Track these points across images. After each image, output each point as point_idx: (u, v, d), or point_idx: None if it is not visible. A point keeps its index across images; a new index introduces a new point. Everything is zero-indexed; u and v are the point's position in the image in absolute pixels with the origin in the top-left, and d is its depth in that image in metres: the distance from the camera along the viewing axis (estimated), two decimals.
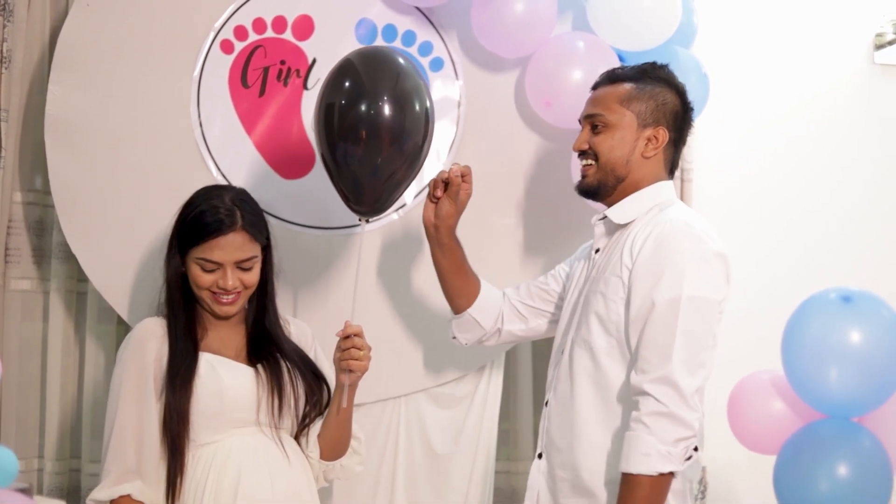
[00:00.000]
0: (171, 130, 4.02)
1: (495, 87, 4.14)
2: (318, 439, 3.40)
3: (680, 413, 2.92)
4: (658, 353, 2.98)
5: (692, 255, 3.05)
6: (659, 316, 3.01)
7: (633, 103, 3.27)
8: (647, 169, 3.28)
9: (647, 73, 3.33)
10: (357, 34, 4.10)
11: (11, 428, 4.08)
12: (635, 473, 2.92)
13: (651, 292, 3.03)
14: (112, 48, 4.02)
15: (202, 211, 3.26)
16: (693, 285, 3.01)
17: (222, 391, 3.25)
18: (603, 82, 3.36)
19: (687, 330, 2.98)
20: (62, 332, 4.15)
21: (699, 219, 3.21)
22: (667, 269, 3.04)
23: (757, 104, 4.62)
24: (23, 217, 4.15)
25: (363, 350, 3.25)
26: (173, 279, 3.32)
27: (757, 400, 3.34)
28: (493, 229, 4.08)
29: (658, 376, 2.94)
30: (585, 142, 3.32)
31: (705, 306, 3.03)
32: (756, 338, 4.20)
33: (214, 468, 3.24)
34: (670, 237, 3.08)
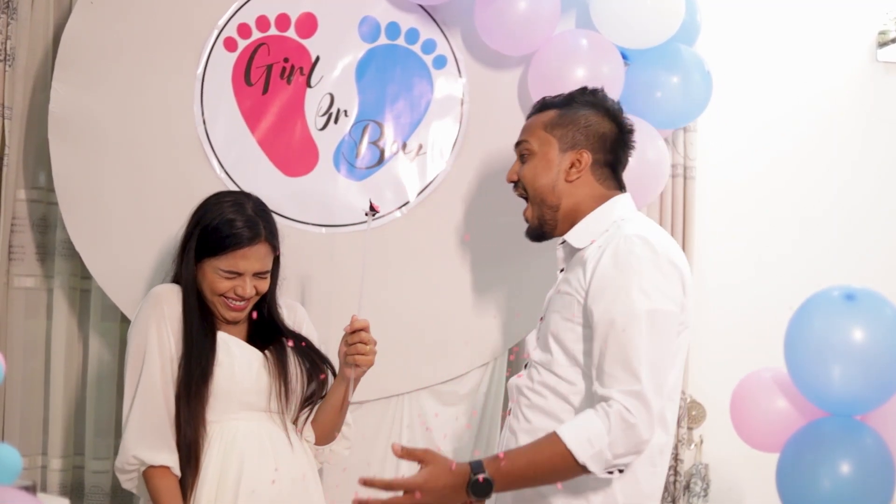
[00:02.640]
0: (175, 128, 4.02)
1: (498, 85, 4.14)
2: (312, 424, 3.44)
3: (642, 429, 2.84)
4: (625, 370, 2.88)
5: (649, 268, 2.98)
6: (618, 332, 2.93)
7: (556, 129, 3.21)
8: (580, 192, 3.19)
9: (574, 98, 3.27)
10: (360, 32, 4.10)
11: (15, 425, 4.09)
12: (568, 447, 2.82)
13: (609, 309, 2.95)
14: (115, 46, 4.03)
15: (226, 221, 3.29)
16: (651, 299, 2.93)
17: (234, 371, 3.30)
18: (534, 111, 3.32)
19: (648, 345, 2.90)
20: (66, 330, 4.15)
21: (657, 231, 3.13)
22: (624, 284, 2.95)
23: (760, 102, 4.62)
24: (26, 214, 4.15)
25: (369, 345, 3.27)
26: (190, 284, 3.34)
27: (760, 398, 3.33)
28: (494, 227, 4.08)
29: (629, 390, 2.85)
30: (515, 172, 3.27)
31: (664, 319, 2.95)
32: (759, 335, 4.20)
33: (219, 449, 3.27)
34: (626, 253, 2.99)
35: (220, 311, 3.35)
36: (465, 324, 4.04)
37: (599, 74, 3.94)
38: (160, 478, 3.22)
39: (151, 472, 3.22)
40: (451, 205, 4.08)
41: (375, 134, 4.08)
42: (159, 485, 3.21)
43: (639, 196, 3.97)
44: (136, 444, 3.22)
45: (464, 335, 4.02)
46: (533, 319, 4.05)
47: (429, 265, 4.06)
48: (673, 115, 4.11)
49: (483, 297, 4.09)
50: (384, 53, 4.12)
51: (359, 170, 4.06)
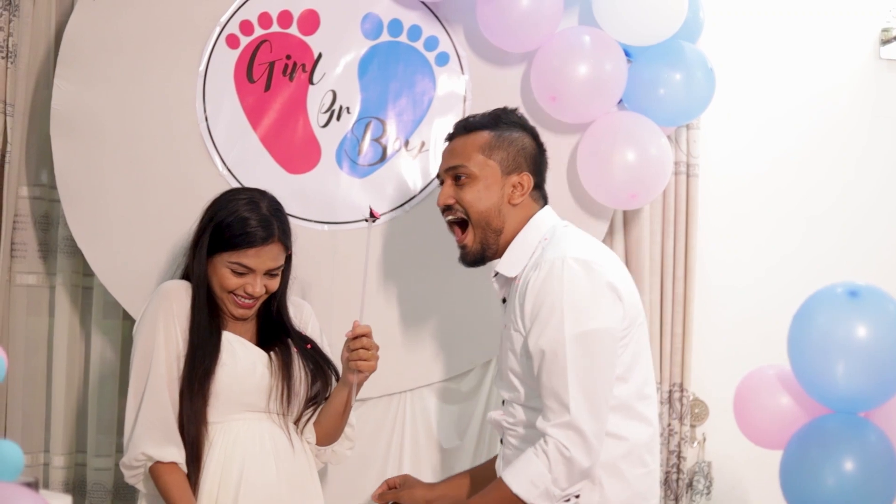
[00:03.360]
0: (177, 125, 4.02)
1: (501, 82, 4.14)
2: (314, 426, 3.44)
3: (580, 459, 2.93)
4: (556, 400, 2.96)
5: (570, 292, 3.00)
6: (549, 362, 2.98)
7: (495, 151, 3.24)
8: (519, 214, 3.25)
9: (501, 119, 3.30)
10: (363, 29, 4.10)
11: (17, 422, 4.09)
12: (514, 492, 2.96)
13: (539, 339, 3.01)
14: (117, 43, 4.02)
15: (241, 218, 3.30)
16: (575, 322, 2.98)
17: (238, 372, 3.30)
18: (459, 133, 3.31)
19: (578, 370, 2.96)
20: (68, 327, 4.15)
21: (581, 245, 3.14)
22: (549, 312, 3.00)
23: (763, 99, 4.62)
24: (29, 212, 4.15)
25: (371, 350, 3.27)
26: (201, 280, 3.34)
27: (763, 395, 3.32)
28: None
29: (561, 422, 2.94)
30: (451, 196, 3.26)
31: (593, 340, 2.99)
32: (761, 333, 4.20)
33: (221, 450, 3.27)
34: (547, 280, 3.03)
35: (229, 307, 3.35)
36: (467, 321, 4.04)
37: (602, 71, 3.95)
38: (169, 473, 3.21)
39: (160, 468, 3.22)
40: None
41: (378, 131, 4.07)
42: (169, 480, 3.21)
43: (641, 194, 3.97)
44: (145, 440, 3.22)
45: (466, 333, 4.02)
46: None
47: (431, 262, 4.06)
48: (676, 113, 4.11)
49: (485, 294, 4.07)
50: (387, 50, 4.11)
51: (361, 167, 4.05)
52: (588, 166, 4.01)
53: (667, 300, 4.26)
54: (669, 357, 4.25)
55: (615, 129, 4.00)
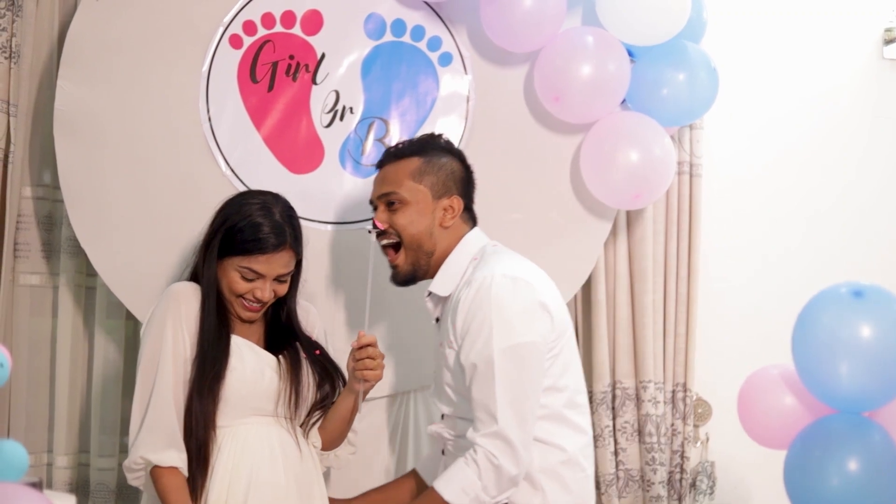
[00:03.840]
0: (180, 125, 4.02)
1: (504, 82, 4.14)
2: (319, 431, 3.44)
3: (508, 467, 3.06)
4: (485, 411, 3.09)
5: (499, 307, 3.12)
6: (479, 375, 3.10)
7: (425, 177, 3.32)
8: (451, 236, 3.34)
9: (429, 144, 3.38)
10: (366, 29, 4.10)
11: (21, 422, 4.09)
12: (446, 498, 3.09)
13: (470, 353, 3.12)
14: (121, 43, 4.02)
15: (253, 224, 3.29)
16: (504, 336, 3.09)
17: (246, 377, 3.29)
18: (389, 160, 3.38)
19: (506, 383, 3.08)
20: (71, 327, 4.15)
21: (510, 263, 3.26)
22: (480, 327, 3.12)
23: (766, 99, 4.62)
24: (32, 212, 4.16)
25: (377, 359, 3.28)
26: (211, 283, 3.34)
27: (767, 395, 3.32)
28: (501, 224, 4.06)
29: (489, 432, 3.06)
30: (385, 221, 3.33)
31: (521, 353, 3.11)
32: (766, 332, 4.20)
33: (229, 454, 3.27)
34: (477, 296, 3.14)
35: (237, 310, 3.35)
36: None
37: (605, 72, 3.95)
38: (168, 476, 3.21)
39: (159, 471, 3.21)
40: None
41: (381, 131, 4.07)
42: (167, 483, 3.20)
43: (645, 194, 3.97)
44: (145, 444, 3.21)
45: None
46: None
47: None
48: (679, 113, 4.11)
49: None
50: (390, 50, 4.11)
51: (364, 167, 4.05)
52: (591, 166, 4.01)
53: (670, 300, 4.26)
54: (673, 357, 4.25)
55: (618, 130, 4.00)
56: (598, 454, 4.17)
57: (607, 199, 4.05)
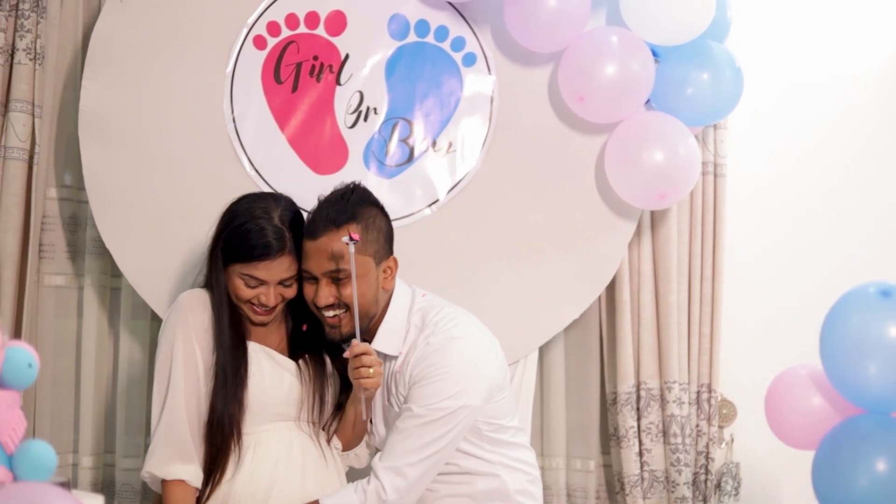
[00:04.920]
0: (205, 126, 4.03)
1: (528, 82, 4.13)
2: (337, 434, 3.45)
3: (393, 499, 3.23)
4: (400, 447, 3.24)
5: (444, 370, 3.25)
6: (413, 419, 3.24)
7: (368, 246, 3.27)
8: (387, 294, 3.38)
9: (360, 205, 3.30)
10: (390, 29, 4.10)
11: (46, 423, 4.11)
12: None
13: (410, 402, 3.26)
14: (145, 44, 4.04)
15: (250, 230, 3.26)
16: (446, 398, 3.23)
17: (265, 384, 3.29)
18: (327, 231, 3.25)
19: (432, 437, 3.23)
20: (96, 328, 4.17)
21: (458, 324, 3.38)
22: (426, 383, 3.25)
23: (791, 98, 4.59)
24: (57, 213, 4.18)
25: (373, 367, 3.24)
26: (221, 289, 3.33)
27: (795, 395, 3.31)
28: (525, 225, 4.07)
29: (392, 466, 3.22)
30: (332, 296, 3.27)
31: (455, 416, 3.24)
32: (794, 333, 4.18)
33: (250, 460, 3.27)
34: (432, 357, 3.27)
35: (248, 314, 3.34)
36: (493, 323, 4.01)
37: (629, 72, 3.94)
38: (173, 489, 3.24)
39: (165, 483, 3.24)
40: (480, 203, 4.07)
41: (405, 132, 4.07)
42: (171, 496, 3.24)
43: (670, 194, 3.96)
44: (153, 458, 3.25)
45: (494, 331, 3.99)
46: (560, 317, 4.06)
47: (457, 263, 4.05)
48: (703, 113, 4.10)
49: (511, 295, 4.07)
50: (414, 51, 4.11)
51: (388, 168, 4.05)
52: (616, 166, 4.00)
53: (695, 300, 4.24)
54: (697, 357, 4.24)
55: (643, 130, 3.99)
56: (622, 455, 4.17)
57: (632, 199, 4.03)
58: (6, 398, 2.15)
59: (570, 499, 4.28)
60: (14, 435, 2.13)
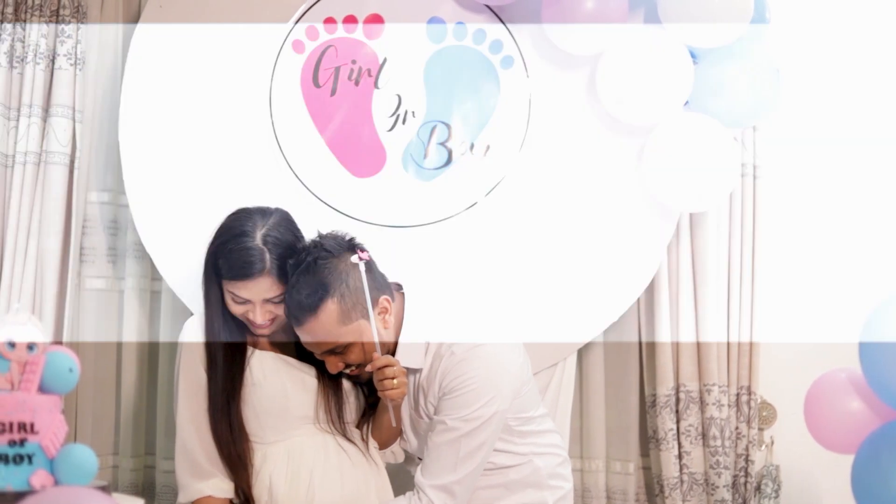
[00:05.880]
0: (244, 130, 4.05)
1: (566, 85, 4.13)
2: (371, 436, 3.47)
3: None
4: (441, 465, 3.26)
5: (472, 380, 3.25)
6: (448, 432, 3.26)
7: (351, 313, 3.22)
8: (396, 322, 3.36)
9: (327, 272, 3.21)
10: (428, 33, 4.11)
11: (87, 425, 4.13)
12: None
13: (442, 414, 3.28)
14: (184, 48, 4.06)
15: (231, 250, 3.25)
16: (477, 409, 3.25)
17: (274, 390, 3.32)
18: (307, 317, 3.20)
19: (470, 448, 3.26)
20: (137, 331, 4.19)
21: None
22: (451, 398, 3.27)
23: (829, 100, 4.56)
24: (98, 217, 4.20)
25: (398, 377, 3.25)
26: (212, 305, 3.35)
27: (834, 398, 3.29)
28: (563, 228, 4.07)
29: (439, 485, 3.25)
30: (340, 364, 3.30)
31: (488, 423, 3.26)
32: (829, 334, 4.16)
33: (286, 467, 3.31)
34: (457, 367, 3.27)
35: (250, 327, 3.35)
36: (532, 325, 4.03)
37: (668, 73, 3.92)
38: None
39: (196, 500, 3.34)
40: (518, 205, 4.07)
41: (443, 135, 4.08)
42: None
43: (707, 196, 3.95)
44: (180, 488, 3.39)
45: (531, 337, 4.00)
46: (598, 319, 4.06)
47: (496, 266, 4.05)
48: (741, 114, 4.08)
49: (550, 298, 4.07)
50: (452, 54, 4.12)
51: (427, 170, 4.06)
52: (654, 169, 3.99)
53: (733, 302, 4.23)
54: (737, 360, 4.22)
55: (681, 131, 3.98)
56: (661, 457, 4.16)
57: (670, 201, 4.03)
58: (47, 402, 2.17)
59: (610, 501, 4.27)
60: (55, 439, 2.16)
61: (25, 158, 4.06)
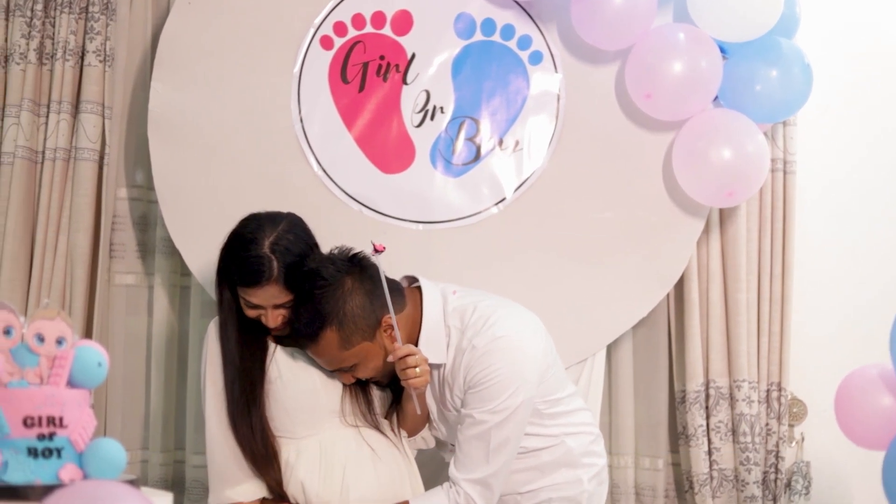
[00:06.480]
0: (272, 126, 4.05)
1: (595, 80, 4.12)
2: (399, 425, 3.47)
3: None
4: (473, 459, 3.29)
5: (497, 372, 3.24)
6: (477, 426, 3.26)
7: (352, 338, 3.21)
8: (411, 318, 3.35)
9: (325, 297, 3.19)
10: (456, 28, 4.10)
11: (117, 420, 4.15)
12: None
13: (469, 408, 3.28)
14: (213, 45, 4.07)
15: (239, 257, 3.25)
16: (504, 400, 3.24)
17: (299, 386, 3.32)
18: (310, 343, 3.25)
19: (500, 440, 3.27)
20: (166, 326, 4.21)
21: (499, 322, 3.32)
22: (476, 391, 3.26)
23: (861, 94, 4.54)
24: (127, 213, 4.22)
25: (420, 366, 3.25)
26: (225, 308, 3.35)
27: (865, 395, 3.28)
28: (592, 224, 4.06)
29: (475, 478, 3.28)
30: (352, 378, 3.33)
31: (515, 413, 3.26)
32: (863, 331, 4.14)
33: (318, 462, 3.31)
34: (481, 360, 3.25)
35: None
36: (561, 320, 4.01)
37: (697, 68, 3.92)
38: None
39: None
40: (547, 201, 4.06)
41: (472, 130, 4.07)
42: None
43: (738, 191, 3.93)
44: (210, 492, 3.39)
45: (563, 330, 3.99)
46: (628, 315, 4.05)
47: (525, 262, 4.05)
48: (772, 109, 4.06)
49: (579, 293, 4.07)
50: (480, 50, 4.11)
51: (455, 166, 4.05)
52: (684, 164, 3.98)
53: (764, 298, 4.21)
54: (767, 356, 4.20)
55: (711, 127, 3.97)
56: (691, 454, 4.15)
57: (700, 196, 4.01)
58: (76, 397, 2.18)
59: (639, 497, 4.26)
60: (84, 433, 2.16)
61: (55, 155, 4.08)
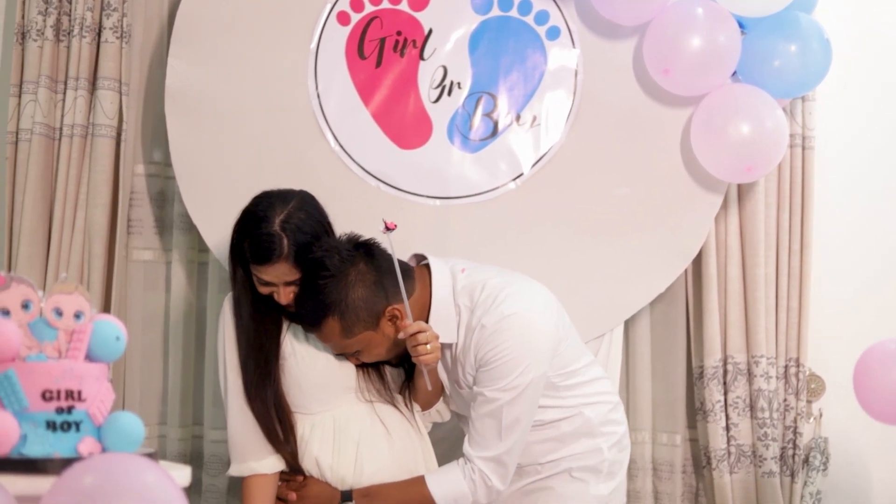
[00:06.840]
0: (289, 102, 4.05)
1: (613, 55, 4.10)
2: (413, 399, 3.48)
3: (498, 486, 3.32)
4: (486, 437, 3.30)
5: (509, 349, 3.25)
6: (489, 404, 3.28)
7: (354, 328, 3.22)
8: (420, 300, 3.34)
9: (329, 291, 3.19)
10: (473, 4, 4.09)
11: (135, 395, 4.16)
12: (434, 498, 3.31)
13: (480, 386, 3.30)
14: (230, 21, 4.06)
15: (250, 234, 3.26)
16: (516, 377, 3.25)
17: (333, 360, 3.34)
18: (314, 329, 3.28)
19: (512, 417, 3.28)
20: (184, 302, 4.22)
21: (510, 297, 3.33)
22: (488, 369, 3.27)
23: (880, 70, 4.52)
24: (145, 189, 4.21)
25: (431, 342, 3.25)
26: (238, 284, 3.37)
27: (884, 370, 3.28)
28: (610, 199, 4.05)
29: (489, 456, 3.30)
30: (356, 360, 3.35)
31: (527, 389, 3.27)
32: (881, 307, 4.13)
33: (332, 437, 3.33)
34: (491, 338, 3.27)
35: None
36: (578, 296, 4.01)
37: (716, 43, 3.90)
38: (249, 482, 3.38)
39: (243, 479, 3.38)
40: (565, 176, 4.05)
41: (489, 106, 4.06)
42: (247, 490, 3.38)
43: (757, 167, 3.92)
44: (232, 463, 3.41)
45: (577, 308, 3.98)
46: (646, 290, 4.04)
47: (542, 237, 4.05)
48: (791, 85, 4.05)
49: (597, 268, 4.06)
50: (497, 25, 4.09)
51: (472, 142, 4.05)
52: (702, 139, 3.97)
53: (782, 274, 4.20)
54: (785, 332, 4.20)
55: (730, 102, 3.96)
56: (709, 429, 4.15)
57: (718, 172, 4.00)
58: (95, 370, 2.19)
59: (657, 472, 4.26)
60: (102, 406, 2.17)
61: (73, 131, 4.07)
